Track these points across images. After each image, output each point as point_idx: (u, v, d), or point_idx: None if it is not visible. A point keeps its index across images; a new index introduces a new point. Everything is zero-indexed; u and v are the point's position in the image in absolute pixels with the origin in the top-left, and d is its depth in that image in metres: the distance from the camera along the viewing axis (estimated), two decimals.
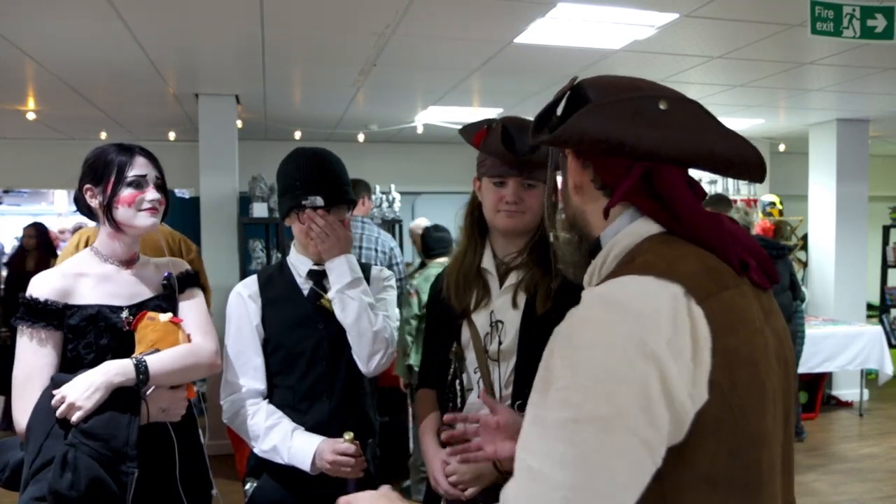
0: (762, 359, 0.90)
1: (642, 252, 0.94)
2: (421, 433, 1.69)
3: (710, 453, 0.86)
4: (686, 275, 0.88)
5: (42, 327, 1.56)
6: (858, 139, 6.17)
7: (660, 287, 0.86)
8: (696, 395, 0.84)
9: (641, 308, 0.85)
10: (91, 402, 1.45)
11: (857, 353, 5.34)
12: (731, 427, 0.86)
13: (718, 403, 0.85)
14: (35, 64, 3.99)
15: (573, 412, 0.82)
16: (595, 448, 0.80)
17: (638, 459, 0.81)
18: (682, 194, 0.96)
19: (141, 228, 1.67)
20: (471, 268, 1.64)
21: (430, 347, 1.80)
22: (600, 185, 1.01)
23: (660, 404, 0.82)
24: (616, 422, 0.80)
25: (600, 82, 1.03)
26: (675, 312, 0.84)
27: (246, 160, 5.48)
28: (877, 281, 7.06)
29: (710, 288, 0.88)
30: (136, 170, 1.66)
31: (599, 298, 0.89)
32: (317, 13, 3.18)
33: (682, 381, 0.83)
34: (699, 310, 0.86)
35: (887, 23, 2.87)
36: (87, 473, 1.39)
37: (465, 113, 5.59)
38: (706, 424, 0.84)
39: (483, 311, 1.61)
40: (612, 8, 3.12)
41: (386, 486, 1.14)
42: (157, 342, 1.61)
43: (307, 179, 1.78)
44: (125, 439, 1.45)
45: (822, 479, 4.40)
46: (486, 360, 1.59)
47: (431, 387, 1.74)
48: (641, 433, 0.81)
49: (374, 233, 3.93)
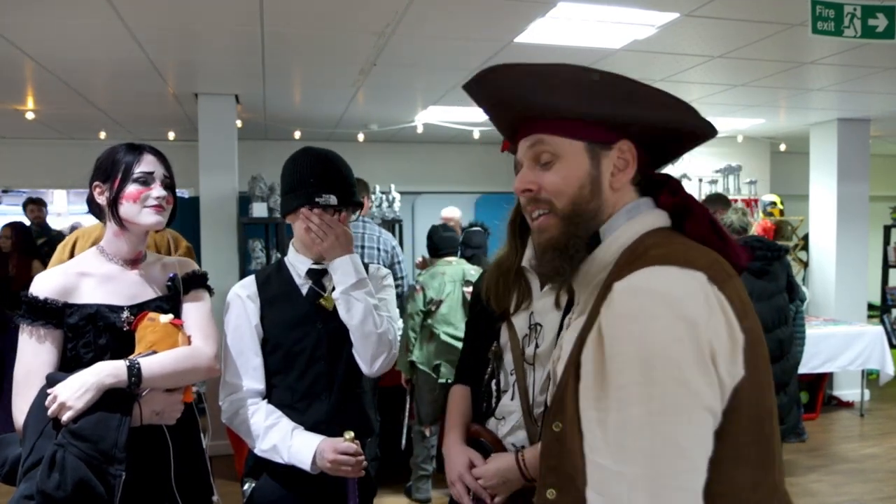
0: (763, 339, 0.97)
1: (650, 246, 0.97)
2: (446, 427, 1.66)
3: (742, 428, 0.90)
4: (703, 264, 0.93)
5: (41, 325, 1.56)
6: (859, 139, 6.16)
7: (686, 275, 0.91)
8: (734, 372, 0.90)
9: (678, 293, 0.89)
10: (82, 402, 1.44)
11: (857, 354, 5.33)
12: (756, 401, 0.92)
13: (749, 379, 0.91)
14: (34, 63, 3.98)
15: (653, 404, 0.86)
16: (684, 432, 0.86)
17: (710, 430, 0.88)
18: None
19: (145, 225, 1.66)
20: (511, 269, 1.62)
21: (470, 344, 1.78)
22: (640, 180, 1.06)
23: (715, 377, 0.88)
24: (695, 402, 0.86)
25: None
26: (706, 296, 0.90)
27: (245, 160, 5.47)
28: (878, 281, 7.05)
29: (723, 275, 0.94)
30: (143, 167, 1.65)
31: (635, 290, 0.92)
32: (317, 13, 3.17)
33: (723, 358, 0.88)
34: (721, 295, 0.91)
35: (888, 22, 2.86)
36: (73, 474, 1.39)
37: (465, 113, 5.58)
38: (741, 400, 0.90)
39: (523, 312, 1.60)
40: (612, 7, 3.11)
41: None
42: (156, 344, 1.60)
43: (322, 177, 1.76)
44: (114, 441, 1.44)
45: (824, 479, 4.39)
46: (522, 363, 1.57)
47: (466, 383, 1.73)
48: (713, 407, 0.87)
49: (376, 232, 3.95)
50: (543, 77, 1.03)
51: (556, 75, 1.02)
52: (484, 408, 1.63)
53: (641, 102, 1.02)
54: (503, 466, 1.50)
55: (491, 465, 1.51)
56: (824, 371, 5.40)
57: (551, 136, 1.05)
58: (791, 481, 4.35)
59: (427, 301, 3.75)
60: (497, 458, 1.53)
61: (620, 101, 1.01)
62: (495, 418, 1.62)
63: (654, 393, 0.86)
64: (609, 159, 1.04)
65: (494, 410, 1.61)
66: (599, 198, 1.04)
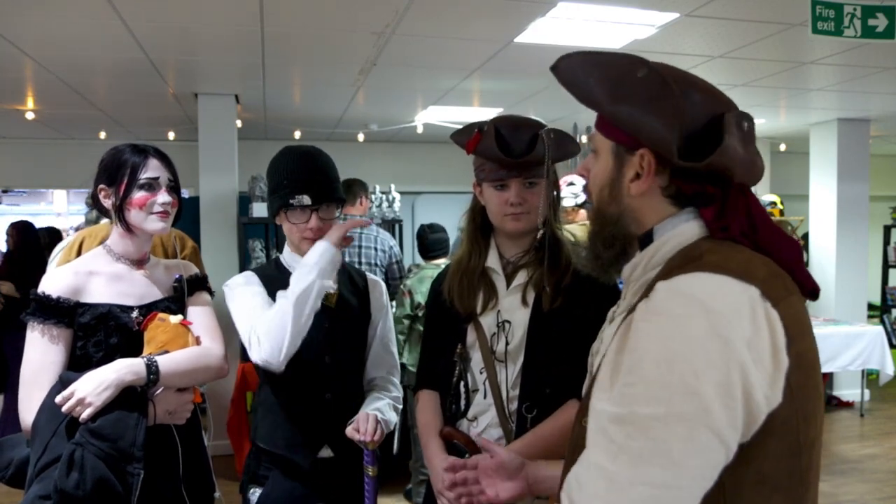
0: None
1: (706, 251, 0.92)
2: (423, 438, 1.66)
3: (772, 454, 0.86)
4: (759, 278, 0.87)
5: (53, 324, 1.56)
6: (859, 139, 6.16)
7: (737, 287, 0.86)
8: (772, 397, 0.84)
9: (722, 306, 0.84)
10: (101, 399, 1.44)
11: (858, 354, 5.33)
12: (794, 430, 0.87)
13: (788, 406, 0.85)
14: (34, 63, 3.98)
15: (658, 408, 0.82)
16: (678, 445, 0.80)
17: (715, 457, 0.82)
18: (756, 204, 0.97)
19: (150, 231, 1.68)
20: (475, 270, 1.62)
21: (430, 349, 1.77)
22: (673, 192, 0.97)
23: (739, 404, 0.82)
24: (701, 419, 0.81)
25: (697, 84, 0.99)
26: (753, 314, 0.84)
27: (245, 160, 5.47)
28: (878, 281, 7.06)
29: (781, 292, 0.88)
30: (149, 172, 1.65)
31: (678, 293, 0.87)
32: (317, 12, 3.17)
33: (760, 383, 0.83)
34: (775, 313, 0.85)
35: (888, 22, 2.86)
36: (93, 473, 1.39)
37: (465, 113, 5.58)
38: (774, 426, 0.85)
39: (490, 312, 1.60)
40: (612, 7, 3.11)
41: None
42: (167, 343, 1.60)
43: (294, 178, 1.75)
44: (132, 440, 1.45)
45: (824, 479, 4.37)
46: (492, 360, 1.58)
47: (433, 388, 1.72)
48: (722, 433, 0.81)
49: (374, 231, 3.95)
50: (601, 67, 0.99)
51: (611, 66, 0.98)
52: (453, 409, 1.62)
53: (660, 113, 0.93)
54: None
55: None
56: (824, 371, 5.39)
57: (597, 129, 1.04)
58: None
59: (415, 306, 3.74)
60: (475, 460, 1.53)
61: (642, 106, 0.94)
62: (467, 419, 1.61)
63: (662, 397, 0.82)
64: (632, 165, 0.98)
65: (465, 412, 1.61)
66: (619, 203, 1.01)
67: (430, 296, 1.79)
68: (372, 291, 1.94)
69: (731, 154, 0.91)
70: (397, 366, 1.99)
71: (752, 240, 0.94)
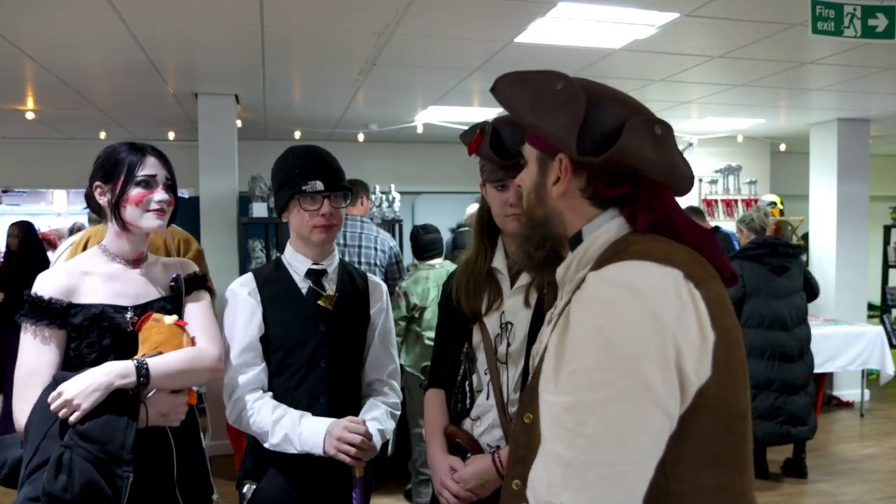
0: (741, 340, 0.98)
1: (632, 243, 0.99)
2: (428, 437, 1.68)
3: (708, 428, 0.91)
4: (681, 262, 0.94)
5: (45, 325, 1.55)
6: (859, 139, 6.16)
7: (661, 270, 0.92)
8: (701, 371, 0.90)
9: (648, 286, 0.90)
10: (89, 401, 1.43)
11: (858, 354, 5.33)
12: (726, 402, 0.92)
13: (718, 380, 0.91)
14: (34, 63, 3.98)
15: (603, 392, 0.86)
16: (627, 423, 0.85)
17: (661, 430, 0.87)
18: (671, 201, 1.04)
19: (146, 229, 1.66)
20: (481, 271, 1.63)
21: (441, 348, 1.78)
22: (591, 194, 1.04)
23: (674, 376, 0.87)
24: (644, 395, 0.85)
25: (611, 95, 1.05)
26: (678, 292, 0.90)
27: (245, 160, 5.47)
28: (878, 281, 7.06)
29: (702, 275, 0.95)
30: (147, 170, 1.64)
31: (607, 280, 0.93)
32: (317, 12, 3.17)
33: (690, 356, 0.88)
34: (697, 292, 0.92)
35: (888, 22, 2.86)
36: (81, 476, 1.38)
37: (465, 113, 5.58)
38: (707, 399, 0.90)
39: (494, 313, 1.61)
40: (612, 7, 3.11)
41: None
42: (161, 345, 1.59)
43: (305, 168, 1.77)
44: (122, 443, 1.44)
45: (824, 479, 4.39)
46: (495, 362, 1.58)
47: (441, 386, 1.73)
48: (665, 404, 0.87)
49: (374, 232, 3.95)
50: (527, 83, 1.09)
51: (534, 81, 1.07)
52: (458, 409, 1.64)
53: (565, 117, 1.01)
54: (480, 469, 1.52)
55: (468, 469, 1.54)
56: (824, 371, 5.39)
57: (526, 141, 1.13)
58: (792, 481, 4.36)
59: (410, 307, 3.74)
60: (474, 460, 1.55)
61: (554, 112, 1.02)
62: (471, 419, 1.63)
63: (606, 380, 0.86)
64: (553, 170, 1.06)
65: (469, 411, 1.62)
66: (545, 206, 1.09)
67: (442, 295, 1.81)
68: (372, 293, 1.94)
69: (632, 153, 0.97)
70: (397, 368, 1.99)
71: (672, 233, 1.01)
